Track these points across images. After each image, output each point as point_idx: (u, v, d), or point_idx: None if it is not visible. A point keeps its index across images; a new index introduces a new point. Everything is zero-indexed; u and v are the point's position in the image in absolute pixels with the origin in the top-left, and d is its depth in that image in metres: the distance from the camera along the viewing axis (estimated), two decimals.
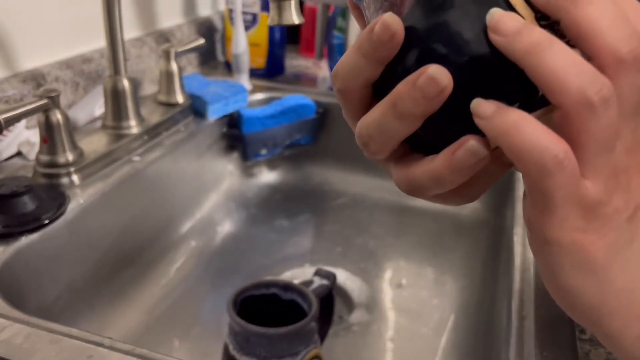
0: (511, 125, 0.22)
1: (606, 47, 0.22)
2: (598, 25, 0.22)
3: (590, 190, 0.23)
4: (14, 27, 0.70)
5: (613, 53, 0.22)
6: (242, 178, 0.94)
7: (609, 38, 0.22)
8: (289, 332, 0.47)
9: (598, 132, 0.22)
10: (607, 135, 0.23)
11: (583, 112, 0.22)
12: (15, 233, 0.54)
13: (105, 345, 0.42)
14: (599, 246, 0.24)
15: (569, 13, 0.22)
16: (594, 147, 0.23)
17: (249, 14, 1.00)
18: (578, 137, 0.22)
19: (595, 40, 0.22)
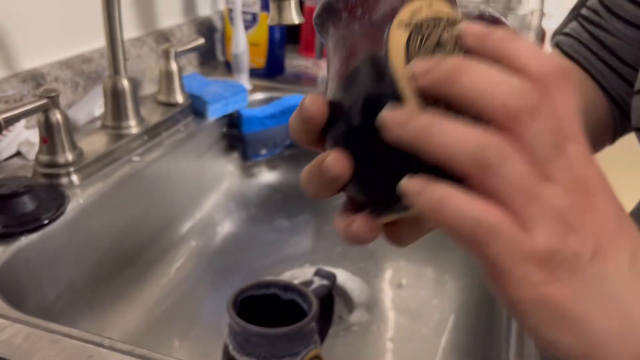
0: (436, 202, 0.23)
1: (495, 108, 0.23)
2: (481, 90, 0.23)
3: (538, 242, 0.23)
4: (14, 27, 0.70)
5: (504, 111, 0.22)
6: (242, 178, 0.93)
7: (496, 99, 0.22)
8: (289, 332, 0.47)
9: (510, 186, 0.22)
10: (523, 186, 0.22)
11: (483, 174, 0.22)
12: (15, 233, 0.54)
13: (105, 345, 0.42)
14: (567, 295, 0.23)
15: (451, 88, 0.23)
16: (518, 201, 0.22)
17: (248, 14, 1.00)
18: (497, 195, 0.23)
19: (483, 105, 0.23)
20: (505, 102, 0.22)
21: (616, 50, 0.53)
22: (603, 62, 0.53)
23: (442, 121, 0.23)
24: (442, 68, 0.23)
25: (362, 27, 0.27)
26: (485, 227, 0.22)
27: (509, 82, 0.23)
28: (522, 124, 0.22)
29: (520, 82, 0.23)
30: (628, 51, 0.52)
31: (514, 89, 0.22)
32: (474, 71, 0.23)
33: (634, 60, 0.52)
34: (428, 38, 0.25)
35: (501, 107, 0.22)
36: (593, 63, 0.54)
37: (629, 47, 0.52)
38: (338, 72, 0.28)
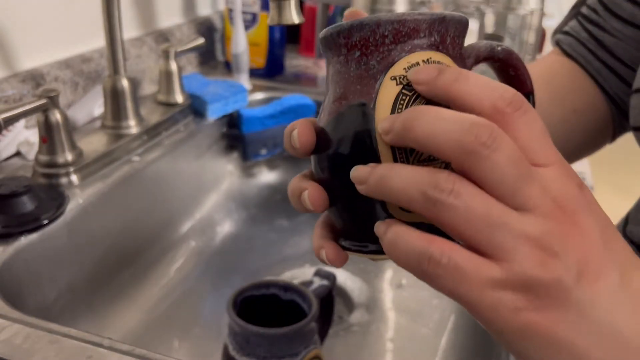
0: (391, 242, 0.24)
1: (450, 148, 0.23)
2: (434, 134, 0.23)
3: (509, 270, 0.23)
4: (14, 27, 0.70)
5: (459, 150, 0.23)
6: (242, 178, 0.93)
7: (450, 140, 0.23)
8: (288, 333, 0.47)
9: (466, 220, 0.23)
10: (482, 218, 0.23)
11: (435, 210, 0.23)
12: (15, 233, 0.54)
13: (105, 345, 0.42)
14: (553, 321, 0.23)
15: (409, 139, 0.24)
16: (479, 233, 0.23)
17: (248, 14, 1.00)
18: (455, 230, 0.23)
19: (440, 148, 0.24)
20: (459, 141, 0.23)
21: (614, 49, 0.52)
22: (601, 61, 0.53)
23: (397, 168, 0.24)
24: (397, 122, 0.24)
25: (358, 71, 0.27)
26: (427, 259, 0.23)
27: (462, 121, 0.23)
28: (481, 160, 0.23)
29: (473, 119, 0.23)
30: (626, 51, 0.52)
31: (467, 126, 0.23)
32: (425, 118, 0.23)
33: (632, 59, 0.52)
34: (417, 98, 0.26)
35: (456, 146, 0.23)
36: (591, 62, 0.54)
37: (627, 46, 0.52)
38: (329, 107, 0.29)
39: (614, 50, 0.53)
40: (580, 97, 0.55)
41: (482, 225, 0.23)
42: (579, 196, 0.24)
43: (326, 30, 0.29)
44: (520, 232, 0.23)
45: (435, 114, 0.23)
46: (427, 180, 0.23)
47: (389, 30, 0.27)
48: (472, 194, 0.23)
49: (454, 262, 0.23)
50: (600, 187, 0.80)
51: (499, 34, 1.01)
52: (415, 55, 0.27)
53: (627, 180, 2.00)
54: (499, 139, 0.23)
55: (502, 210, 0.23)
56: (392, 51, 0.27)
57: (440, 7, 1.08)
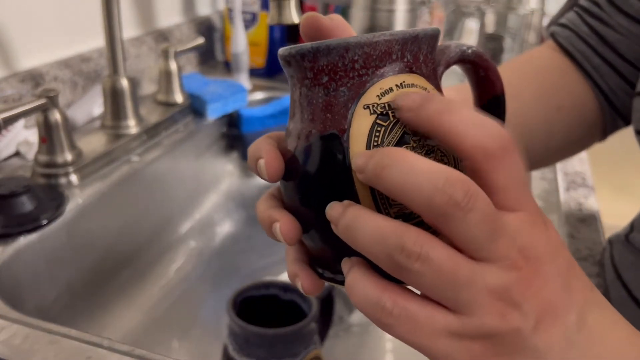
0: (350, 284, 0.25)
1: (422, 205, 0.23)
2: (406, 187, 0.22)
3: (469, 324, 0.23)
4: (13, 26, 0.70)
5: (430, 210, 0.22)
6: (242, 178, 0.93)
7: (422, 196, 0.22)
8: (288, 333, 0.47)
9: (427, 277, 0.23)
10: (445, 275, 0.23)
11: (402, 273, 0.23)
12: (14, 233, 0.54)
13: (104, 346, 0.42)
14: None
15: (382, 185, 0.23)
16: (441, 289, 0.23)
17: (248, 13, 1.00)
18: (419, 289, 0.24)
19: (412, 201, 0.23)
20: (431, 201, 0.22)
21: (617, 46, 0.51)
22: (601, 57, 0.52)
23: (364, 218, 0.23)
24: (370, 164, 0.23)
25: (327, 97, 0.25)
26: (381, 308, 0.23)
27: (435, 177, 0.22)
28: (454, 221, 0.22)
29: (447, 175, 0.22)
30: (630, 48, 0.51)
31: (440, 184, 0.22)
32: (397, 168, 0.22)
33: (636, 57, 0.51)
34: (392, 129, 0.25)
35: (427, 206, 0.22)
36: (589, 58, 0.53)
37: (631, 43, 0.50)
38: (298, 132, 0.27)
39: (617, 47, 0.51)
40: (568, 94, 0.54)
41: (448, 286, 0.23)
42: (544, 242, 0.24)
43: (287, 50, 0.26)
44: (483, 286, 0.23)
45: (408, 165, 0.22)
46: (393, 241, 0.23)
47: (358, 54, 0.25)
48: (440, 257, 0.23)
49: (406, 312, 0.23)
50: (600, 187, 0.79)
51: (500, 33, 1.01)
52: (388, 80, 0.25)
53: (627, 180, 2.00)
54: (474, 198, 0.22)
55: (469, 269, 0.23)
56: (363, 76, 0.25)
57: (440, 7, 1.08)
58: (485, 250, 0.23)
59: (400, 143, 0.24)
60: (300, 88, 0.27)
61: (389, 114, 0.25)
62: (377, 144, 0.24)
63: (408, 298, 0.24)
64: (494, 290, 0.23)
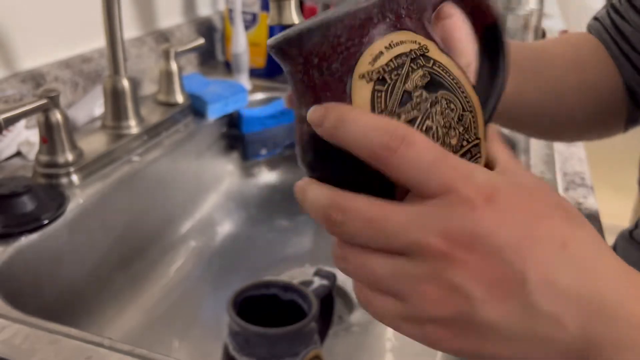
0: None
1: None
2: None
3: (414, 311, 0.25)
4: (14, 27, 0.70)
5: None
6: (242, 178, 0.93)
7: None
8: (288, 333, 0.47)
9: (371, 288, 0.26)
10: (383, 278, 0.25)
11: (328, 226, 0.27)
12: (15, 233, 0.54)
13: (105, 345, 0.42)
14: (473, 344, 0.25)
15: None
16: (385, 288, 0.26)
17: (248, 14, 1.00)
18: (370, 289, 0.27)
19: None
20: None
21: (631, 38, 0.54)
22: (620, 48, 0.55)
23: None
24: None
25: (322, 77, 0.26)
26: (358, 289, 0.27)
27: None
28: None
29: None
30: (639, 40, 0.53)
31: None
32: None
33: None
34: (392, 91, 0.25)
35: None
36: (612, 49, 0.55)
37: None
38: (304, 120, 0.27)
39: (630, 40, 0.54)
40: (599, 72, 0.55)
41: (374, 282, 0.25)
42: (471, 223, 0.24)
43: (273, 40, 0.26)
44: (411, 277, 0.24)
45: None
46: (336, 254, 0.27)
47: (340, 29, 0.25)
48: (354, 258, 0.26)
49: (357, 292, 0.27)
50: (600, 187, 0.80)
51: None
52: (377, 45, 0.25)
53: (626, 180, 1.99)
54: (344, 213, 0.25)
55: (385, 264, 0.25)
56: (351, 48, 0.25)
57: None
58: (389, 249, 0.25)
59: (404, 102, 0.25)
60: (296, 74, 0.27)
61: (385, 77, 0.25)
62: (382, 109, 0.25)
63: (368, 294, 0.27)
64: (425, 280, 0.24)
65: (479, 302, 0.24)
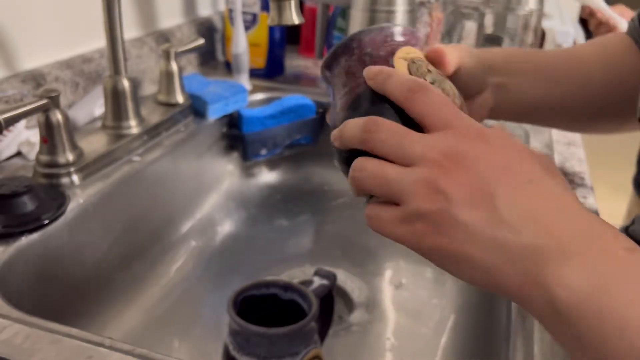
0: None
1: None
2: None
3: (407, 209, 0.32)
4: (14, 27, 0.70)
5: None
6: (242, 178, 0.94)
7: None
8: (289, 332, 0.47)
9: (370, 182, 0.35)
10: (381, 179, 0.34)
11: (351, 180, 0.36)
12: (15, 233, 0.54)
13: (106, 345, 0.42)
14: (449, 241, 0.31)
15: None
16: (381, 191, 0.34)
17: (249, 14, 1.00)
18: (367, 190, 0.36)
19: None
20: (357, 136, 0.36)
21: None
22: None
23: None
24: (336, 134, 0.38)
25: (372, 59, 0.39)
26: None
27: (358, 123, 0.37)
28: (370, 144, 0.35)
29: (364, 121, 0.36)
30: None
31: (358, 126, 0.37)
32: (343, 130, 0.37)
33: None
34: (419, 67, 0.39)
35: (358, 142, 0.37)
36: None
37: None
38: (353, 89, 0.39)
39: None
40: (627, 70, 0.56)
41: (383, 183, 0.33)
42: (469, 146, 0.32)
43: (337, 43, 0.40)
44: (410, 180, 0.32)
45: (345, 127, 0.37)
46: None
47: (389, 33, 0.41)
48: (371, 167, 0.34)
49: (369, 213, 0.35)
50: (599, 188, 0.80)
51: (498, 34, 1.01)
52: (406, 47, 0.41)
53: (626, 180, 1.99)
54: (378, 124, 0.34)
55: (395, 171, 0.33)
56: (393, 44, 0.40)
57: (439, 8, 1.08)
58: (401, 157, 0.33)
59: (427, 73, 0.39)
60: (347, 63, 0.40)
61: (414, 61, 0.40)
62: (414, 74, 0.38)
63: (371, 206, 0.35)
64: (420, 182, 0.31)
65: (455, 203, 0.30)
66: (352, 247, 0.84)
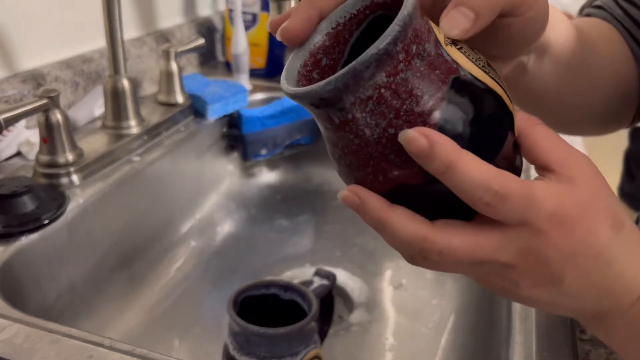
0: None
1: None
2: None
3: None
4: (14, 27, 0.70)
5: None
6: (242, 178, 0.93)
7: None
8: (289, 332, 0.47)
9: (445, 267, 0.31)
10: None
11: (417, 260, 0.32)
12: (15, 233, 0.54)
13: (105, 345, 0.42)
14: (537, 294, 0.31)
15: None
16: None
17: (249, 14, 1.00)
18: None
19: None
20: (473, 203, 0.29)
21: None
22: (635, 39, 0.52)
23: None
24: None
25: (423, 61, 0.27)
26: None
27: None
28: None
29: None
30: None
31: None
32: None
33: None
34: (468, 51, 0.29)
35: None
36: (627, 40, 0.53)
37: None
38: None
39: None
40: (616, 63, 0.53)
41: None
42: (542, 245, 0.30)
43: (372, 52, 0.26)
44: (487, 274, 0.31)
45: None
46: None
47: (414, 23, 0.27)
48: (459, 270, 0.31)
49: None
50: None
51: None
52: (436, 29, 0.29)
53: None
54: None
55: (477, 269, 0.31)
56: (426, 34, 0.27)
57: None
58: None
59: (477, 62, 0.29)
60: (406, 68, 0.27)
61: (454, 41, 0.29)
62: (474, 61, 0.28)
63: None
64: (494, 275, 0.31)
65: (523, 288, 0.30)
66: (352, 247, 0.84)
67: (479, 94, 0.27)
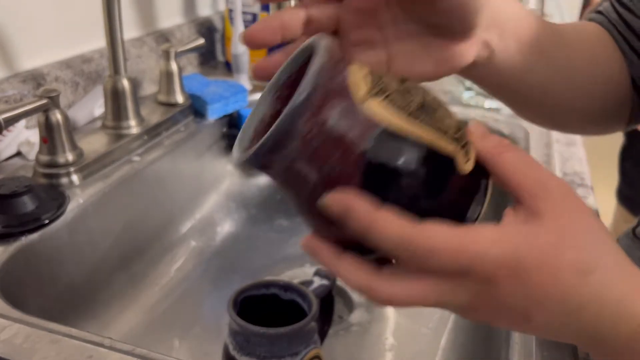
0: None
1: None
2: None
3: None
4: (14, 27, 0.70)
5: None
6: (242, 178, 0.93)
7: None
8: (289, 332, 0.47)
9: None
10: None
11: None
12: (15, 233, 0.54)
13: (105, 345, 0.42)
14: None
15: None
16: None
17: (248, 14, 1.00)
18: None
19: None
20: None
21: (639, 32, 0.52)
22: (628, 43, 0.53)
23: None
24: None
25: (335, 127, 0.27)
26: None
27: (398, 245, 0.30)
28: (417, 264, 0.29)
29: (403, 242, 0.28)
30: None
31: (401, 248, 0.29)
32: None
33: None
34: (394, 95, 0.28)
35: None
36: (620, 43, 0.53)
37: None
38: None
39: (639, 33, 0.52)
40: (610, 67, 0.53)
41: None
42: (488, 295, 0.29)
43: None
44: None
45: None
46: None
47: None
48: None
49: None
50: (599, 188, 0.80)
51: None
52: (355, 73, 0.29)
53: None
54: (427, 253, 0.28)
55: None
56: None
57: None
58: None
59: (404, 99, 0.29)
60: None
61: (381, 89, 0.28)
62: (402, 109, 0.28)
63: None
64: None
65: (495, 323, 0.31)
66: None
67: (400, 146, 0.27)
